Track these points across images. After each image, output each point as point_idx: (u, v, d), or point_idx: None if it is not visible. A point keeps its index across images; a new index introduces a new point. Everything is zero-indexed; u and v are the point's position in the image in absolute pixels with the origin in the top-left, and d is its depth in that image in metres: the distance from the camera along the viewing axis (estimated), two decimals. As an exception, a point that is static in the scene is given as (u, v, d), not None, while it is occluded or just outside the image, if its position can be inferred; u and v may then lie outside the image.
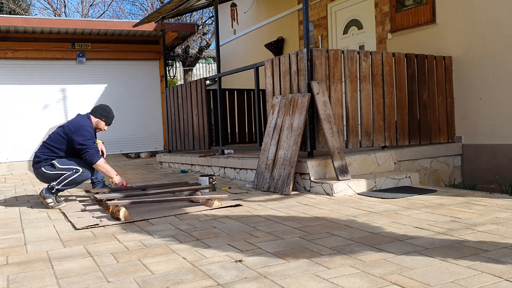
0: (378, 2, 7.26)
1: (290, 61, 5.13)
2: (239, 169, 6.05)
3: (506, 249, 2.48)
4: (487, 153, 5.79)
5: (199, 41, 17.55)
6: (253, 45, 10.73)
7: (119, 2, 27.93)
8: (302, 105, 4.83)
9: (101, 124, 4.77)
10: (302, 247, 2.69)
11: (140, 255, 2.69)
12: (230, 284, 2.14)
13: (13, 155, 9.91)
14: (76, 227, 3.50)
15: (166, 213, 3.90)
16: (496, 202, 3.85)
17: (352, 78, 5.17)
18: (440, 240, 2.73)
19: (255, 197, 4.56)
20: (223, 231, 3.18)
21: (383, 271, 2.22)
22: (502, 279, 2.06)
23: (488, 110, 5.74)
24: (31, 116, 10.13)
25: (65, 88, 10.50)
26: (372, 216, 3.46)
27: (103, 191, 4.63)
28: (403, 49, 6.59)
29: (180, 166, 7.87)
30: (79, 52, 10.48)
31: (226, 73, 6.96)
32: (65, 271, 2.43)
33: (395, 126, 5.52)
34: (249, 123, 8.40)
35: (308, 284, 2.09)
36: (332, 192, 4.43)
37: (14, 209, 4.53)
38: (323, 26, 8.45)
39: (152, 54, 11.23)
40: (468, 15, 5.91)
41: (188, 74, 16.63)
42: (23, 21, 9.59)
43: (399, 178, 4.86)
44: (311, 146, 4.93)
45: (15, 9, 18.15)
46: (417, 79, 5.73)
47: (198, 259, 2.55)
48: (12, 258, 2.75)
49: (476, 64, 5.84)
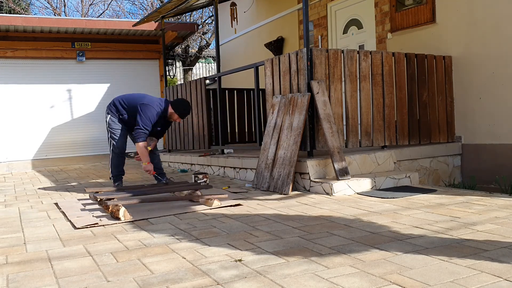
0: (378, 1, 7.26)
1: (290, 61, 5.13)
2: (239, 169, 6.05)
3: (505, 249, 2.49)
4: (486, 153, 5.80)
5: (199, 40, 17.55)
6: (253, 45, 10.73)
7: (119, 2, 27.93)
8: (302, 105, 4.83)
9: (174, 116, 5.25)
10: (301, 247, 2.69)
11: (139, 254, 2.69)
12: (230, 283, 2.14)
13: (13, 155, 9.90)
14: (75, 226, 3.50)
15: (165, 212, 3.90)
16: (495, 202, 3.86)
17: (352, 77, 5.17)
18: (440, 239, 2.73)
19: (254, 196, 4.57)
20: (223, 231, 3.18)
21: (382, 271, 2.22)
22: (502, 278, 2.06)
23: (488, 110, 5.74)
24: (31, 116, 10.12)
25: (65, 87, 10.49)
26: (371, 216, 3.46)
27: (103, 190, 4.63)
28: (403, 49, 6.59)
29: (180, 165, 7.87)
30: (79, 52, 10.47)
31: (226, 73, 6.96)
32: (65, 271, 2.43)
33: (395, 126, 5.52)
34: (249, 122, 8.39)
35: (308, 284, 2.09)
36: (332, 192, 4.43)
37: (13, 208, 4.53)
38: (323, 26, 8.45)
39: (152, 53, 11.22)
40: (468, 15, 5.91)
41: (188, 73, 16.63)
42: (23, 20, 9.58)
43: (398, 177, 4.86)
44: (311, 146, 4.93)
45: (15, 8, 18.14)
46: (417, 79, 5.73)
47: (198, 259, 2.55)
48: (11, 257, 2.75)
49: (476, 64, 5.84)
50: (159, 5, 14.47)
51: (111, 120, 5.32)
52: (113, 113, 5.32)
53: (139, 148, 5.07)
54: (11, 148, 9.91)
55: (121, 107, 5.29)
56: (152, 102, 5.16)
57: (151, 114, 5.08)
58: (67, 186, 6.07)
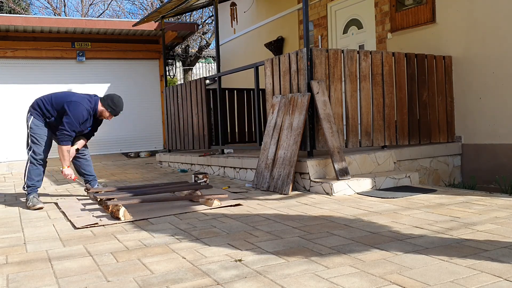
0: (378, 1, 7.25)
1: (290, 61, 5.13)
2: (239, 169, 6.05)
3: (505, 249, 2.49)
4: (487, 153, 5.80)
5: (199, 40, 17.55)
6: (253, 45, 10.73)
7: (119, 1, 27.93)
8: (302, 105, 4.83)
9: (105, 113, 4.76)
10: (301, 247, 2.69)
11: (139, 254, 2.69)
12: (230, 283, 2.14)
13: (13, 155, 9.90)
14: (75, 226, 3.50)
15: (165, 212, 3.90)
16: (495, 201, 3.86)
17: (352, 77, 5.17)
18: (440, 239, 2.73)
19: (254, 196, 4.56)
20: (223, 231, 3.18)
21: (382, 271, 2.22)
22: (502, 278, 2.06)
23: (488, 110, 5.74)
24: (31, 116, 10.12)
25: (65, 87, 10.46)
26: (371, 216, 3.46)
27: (104, 190, 4.63)
28: (403, 49, 6.59)
29: (180, 165, 7.87)
30: (79, 52, 10.48)
31: (226, 73, 6.96)
32: (65, 271, 2.43)
33: (395, 126, 5.52)
34: (249, 122, 8.39)
35: (308, 284, 2.09)
36: (332, 192, 4.43)
37: (13, 208, 4.52)
38: (323, 26, 8.45)
39: (152, 53, 11.23)
40: (468, 15, 5.91)
41: (188, 73, 16.63)
42: (23, 20, 9.59)
43: (398, 177, 4.86)
44: (311, 146, 4.93)
45: (15, 8, 18.14)
46: (417, 79, 5.73)
47: (198, 259, 2.55)
48: (11, 257, 2.75)
49: (476, 64, 5.84)
50: (159, 5, 14.46)
51: (34, 124, 4.57)
52: (38, 115, 4.59)
53: (61, 150, 4.54)
54: (11, 148, 9.91)
55: (48, 107, 4.59)
56: (81, 99, 4.61)
57: (79, 113, 4.52)
58: (67, 186, 6.07)
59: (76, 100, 4.56)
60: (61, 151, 4.55)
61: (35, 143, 4.56)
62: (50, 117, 4.60)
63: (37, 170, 4.56)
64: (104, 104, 4.72)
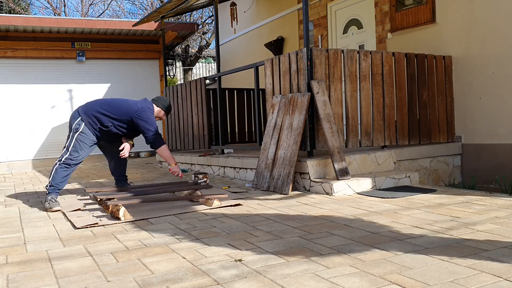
0: (378, 1, 7.26)
1: (290, 61, 5.13)
2: (239, 169, 6.05)
3: (505, 249, 2.48)
4: (487, 153, 5.80)
5: (199, 40, 17.55)
6: (253, 45, 10.73)
7: (119, 1, 27.94)
8: (302, 105, 4.83)
9: (161, 113, 5.00)
10: (301, 247, 2.69)
11: (139, 254, 2.69)
12: (230, 283, 2.14)
13: (13, 155, 9.91)
14: (75, 226, 3.50)
15: (165, 212, 3.90)
16: (495, 201, 3.86)
17: (352, 77, 5.17)
18: (440, 239, 2.73)
19: (254, 196, 4.56)
20: (223, 231, 3.18)
21: (382, 271, 2.22)
22: (502, 278, 2.06)
23: (488, 110, 5.74)
24: (31, 116, 10.13)
25: (65, 87, 10.49)
26: (371, 216, 3.46)
27: (104, 190, 4.63)
28: (403, 49, 6.59)
29: (180, 165, 7.87)
30: (79, 52, 10.48)
31: (226, 73, 6.96)
32: (65, 271, 2.43)
33: (395, 126, 5.52)
34: (249, 122, 8.39)
35: (308, 284, 2.09)
36: (332, 192, 4.43)
37: (13, 208, 4.53)
38: (323, 26, 8.45)
39: (152, 53, 11.23)
40: (468, 15, 5.91)
41: (188, 73, 16.63)
42: (23, 20, 9.59)
43: (398, 177, 4.86)
44: (311, 146, 4.93)
45: (15, 8, 18.14)
46: (417, 79, 5.73)
47: (198, 259, 2.55)
48: (11, 257, 2.75)
49: (476, 64, 5.84)
50: (159, 5, 14.46)
51: (84, 132, 4.62)
52: (92, 125, 4.65)
53: (161, 152, 4.74)
54: (11, 148, 9.92)
55: (106, 118, 4.66)
56: (144, 104, 4.79)
57: (152, 116, 4.77)
58: (67, 186, 6.07)
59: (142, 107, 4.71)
60: (161, 152, 4.77)
61: (76, 148, 4.58)
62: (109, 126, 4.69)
63: (65, 172, 4.56)
64: (159, 105, 4.97)
